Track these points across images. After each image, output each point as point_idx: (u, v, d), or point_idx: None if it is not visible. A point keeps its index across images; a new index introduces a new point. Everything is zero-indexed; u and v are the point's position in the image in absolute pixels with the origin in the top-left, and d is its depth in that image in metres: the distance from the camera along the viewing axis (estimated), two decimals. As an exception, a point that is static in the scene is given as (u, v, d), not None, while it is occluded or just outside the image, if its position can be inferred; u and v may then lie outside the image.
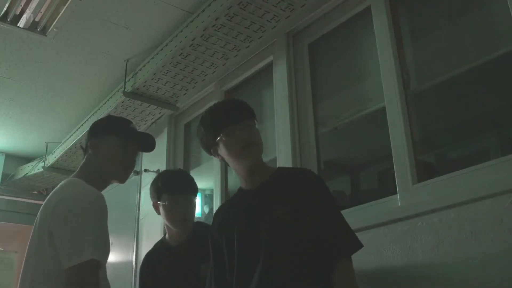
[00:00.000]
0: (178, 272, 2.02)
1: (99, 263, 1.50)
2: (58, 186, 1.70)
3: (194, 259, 2.00)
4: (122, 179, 1.79)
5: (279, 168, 1.75)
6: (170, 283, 2.03)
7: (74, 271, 1.45)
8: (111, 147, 1.74)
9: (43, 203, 1.67)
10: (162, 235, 3.35)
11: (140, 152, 1.88)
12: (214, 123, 1.64)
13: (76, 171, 1.75)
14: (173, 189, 2.07)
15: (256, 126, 1.63)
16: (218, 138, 1.60)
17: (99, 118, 1.96)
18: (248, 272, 1.52)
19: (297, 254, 1.48)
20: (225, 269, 1.61)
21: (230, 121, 1.60)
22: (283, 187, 1.58)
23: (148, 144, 1.88)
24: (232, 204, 1.70)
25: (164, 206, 2.06)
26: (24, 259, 1.63)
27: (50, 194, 1.68)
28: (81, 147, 1.83)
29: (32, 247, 1.62)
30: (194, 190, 2.15)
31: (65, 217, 1.53)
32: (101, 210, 1.58)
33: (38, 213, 1.66)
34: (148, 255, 2.23)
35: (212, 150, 1.67)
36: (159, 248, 2.21)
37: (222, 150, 1.62)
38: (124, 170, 1.78)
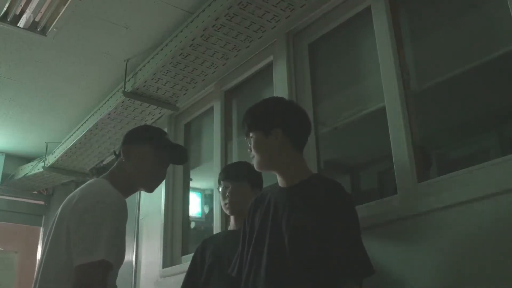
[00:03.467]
0: (220, 255, 2.12)
1: (111, 266, 1.47)
2: (84, 184, 1.69)
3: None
4: (151, 188, 1.79)
5: (315, 175, 1.81)
6: (211, 264, 2.13)
7: (82, 270, 1.43)
8: (144, 155, 1.74)
9: (66, 199, 1.66)
10: (163, 235, 3.37)
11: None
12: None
13: (105, 174, 1.74)
14: (223, 176, 2.23)
15: (254, 136, 1.70)
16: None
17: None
18: (258, 266, 1.58)
19: (301, 262, 1.51)
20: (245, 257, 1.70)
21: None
22: (309, 195, 1.62)
23: (181, 156, 1.89)
24: (265, 197, 1.77)
25: (220, 192, 2.24)
26: (40, 255, 1.62)
27: (75, 191, 1.67)
28: (114, 153, 1.83)
29: (47, 243, 1.61)
30: (243, 177, 2.19)
31: (84, 213, 1.51)
32: (121, 214, 1.57)
33: (59, 209, 1.65)
34: (207, 237, 2.38)
35: None
36: (219, 233, 2.39)
37: None
38: (154, 179, 1.79)
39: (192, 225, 3.67)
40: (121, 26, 2.96)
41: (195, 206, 3.93)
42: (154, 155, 1.75)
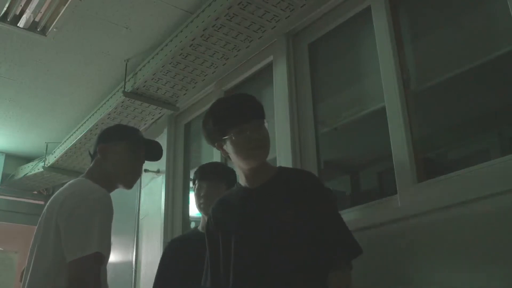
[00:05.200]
0: (196, 260, 2.01)
1: (103, 257, 1.52)
2: (65, 184, 1.73)
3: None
4: (129, 185, 1.83)
5: (280, 168, 1.75)
6: (186, 270, 2.06)
7: (77, 264, 1.47)
8: (121, 153, 1.79)
9: (50, 200, 1.70)
10: (162, 235, 3.37)
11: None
12: (225, 119, 1.60)
13: (83, 174, 1.78)
14: (199, 175, 2.22)
15: (266, 125, 1.61)
16: (228, 136, 1.57)
17: (104, 124, 2.04)
18: (248, 271, 1.53)
19: (297, 257, 1.49)
20: (219, 265, 1.61)
21: (241, 119, 1.57)
22: (285, 189, 1.59)
23: (156, 152, 1.94)
24: (231, 201, 1.69)
25: (194, 190, 2.22)
26: (28, 254, 1.65)
27: (57, 191, 1.71)
28: (89, 153, 1.86)
29: (36, 242, 1.64)
30: (218, 177, 2.19)
31: (72, 211, 1.56)
32: (108, 208, 1.61)
33: (44, 209, 1.69)
34: (175, 239, 2.43)
35: (216, 144, 1.65)
36: (188, 233, 2.37)
37: (229, 148, 1.59)
38: (131, 176, 1.83)
39: (192, 225, 3.67)
40: (121, 26, 2.96)
41: (195, 206, 3.92)
42: (130, 152, 1.80)
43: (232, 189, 1.73)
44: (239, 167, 1.64)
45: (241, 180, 1.68)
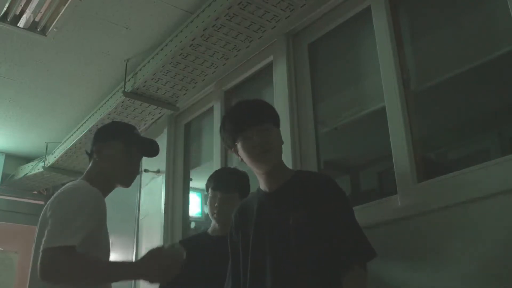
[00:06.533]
0: (212, 268, 1.97)
1: (71, 248, 1.48)
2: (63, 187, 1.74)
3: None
4: (127, 183, 1.83)
5: (298, 171, 1.79)
6: (199, 278, 2.01)
7: (43, 254, 1.46)
8: (116, 152, 1.79)
9: (47, 203, 1.70)
10: (162, 235, 3.37)
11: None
12: (233, 125, 1.66)
13: (82, 175, 1.78)
14: (213, 185, 2.19)
15: (277, 128, 1.65)
16: (237, 143, 1.63)
17: (103, 124, 2.03)
18: (261, 275, 1.54)
19: (310, 260, 1.49)
20: (239, 268, 1.64)
21: (247, 124, 1.61)
22: (300, 192, 1.60)
23: (152, 149, 1.93)
24: (250, 205, 1.71)
25: (208, 199, 2.21)
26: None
27: (54, 194, 1.71)
28: (86, 152, 1.87)
29: (35, 245, 1.65)
30: (233, 189, 2.16)
31: (55, 207, 1.58)
32: (94, 202, 1.60)
33: (42, 212, 1.70)
34: (185, 239, 2.39)
35: (233, 149, 1.70)
36: (199, 236, 2.34)
37: (241, 153, 1.65)
38: (128, 174, 1.83)
39: (192, 225, 3.67)
40: (121, 26, 2.96)
41: (195, 206, 3.92)
42: (125, 150, 1.80)
43: (253, 193, 1.76)
44: (255, 171, 1.68)
45: (260, 184, 1.70)
